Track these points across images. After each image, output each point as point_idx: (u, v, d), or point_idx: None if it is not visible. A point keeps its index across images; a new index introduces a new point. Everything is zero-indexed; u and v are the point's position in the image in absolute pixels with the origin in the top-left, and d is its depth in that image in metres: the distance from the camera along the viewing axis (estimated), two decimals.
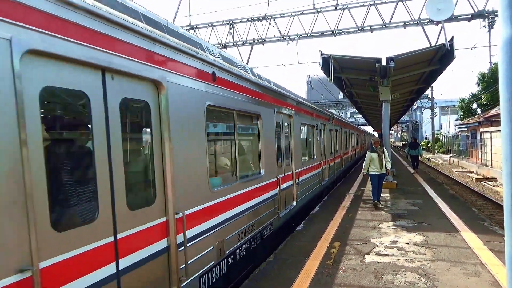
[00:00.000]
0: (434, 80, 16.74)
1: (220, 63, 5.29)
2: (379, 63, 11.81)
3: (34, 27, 2.50)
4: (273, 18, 21.43)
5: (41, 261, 2.50)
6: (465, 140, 35.47)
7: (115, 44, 3.24)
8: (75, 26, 2.84)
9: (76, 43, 2.83)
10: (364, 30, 19.96)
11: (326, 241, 7.27)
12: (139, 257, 3.46)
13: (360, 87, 17.11)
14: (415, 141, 22.04)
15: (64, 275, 2.70)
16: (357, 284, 5.19)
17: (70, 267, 2.75)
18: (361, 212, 9.93)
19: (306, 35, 21.25)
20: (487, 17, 19.58)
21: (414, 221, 8.72)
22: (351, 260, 6.15)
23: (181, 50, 4.25)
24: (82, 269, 2.85)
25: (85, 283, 2.86)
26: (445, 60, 12.95)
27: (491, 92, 32.82)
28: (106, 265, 3.08)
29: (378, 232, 7.87)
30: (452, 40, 11.69)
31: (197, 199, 4.50)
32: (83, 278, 2.85)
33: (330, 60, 12.32)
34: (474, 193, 18.08)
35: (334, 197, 12.78)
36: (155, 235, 3.72)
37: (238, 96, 5.88)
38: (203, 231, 4.62)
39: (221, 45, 22.05)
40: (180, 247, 4.02)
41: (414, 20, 18.86)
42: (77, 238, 2.83)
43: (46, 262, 2.56)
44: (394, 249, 6.68)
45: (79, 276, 2.82)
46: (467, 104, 39.89)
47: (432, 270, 5.59)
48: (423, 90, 21.58)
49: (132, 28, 3.45)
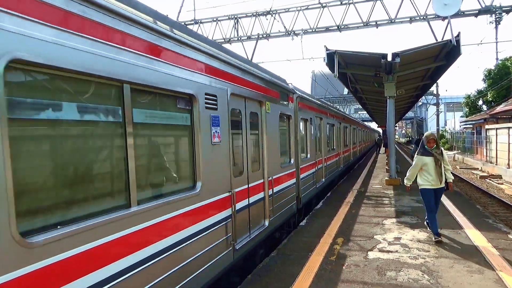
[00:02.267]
0: (440, 76, 16.57)
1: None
2: (385, 58, 11.70)
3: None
4: (278, 13, 21.31)
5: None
6: (470, 137, 35.27)
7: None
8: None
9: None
10: (369, 25, 19.79)
11: (330, 237, 7.27)
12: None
13: (365, 83, 17.01)
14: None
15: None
16: (360, 280, 5.19)
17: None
18: (365, 208, 9.92)
19: (311, 30, 21.12)
20: (494, 12, 19.37)
21: (418, 217, 8.70)
22: (354, 256, 6.15)
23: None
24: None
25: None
26: (451, 56, 12.82)
27: (497, 88, 32.56)
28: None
29: (381, 228, 7.86)
30: (459, 36, 11.56)
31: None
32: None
33: (335, 56, 12.23)
34: (479, 190, 18.00)
35: (338, 193, 12.77)
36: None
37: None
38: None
39: (225, 40, 21.99)
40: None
41: (420, 16, 18.67)
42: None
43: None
44: (397, 245, 6.67)
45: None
46: (472, 100, 39.59)
47: (435, 267, 5.58)
48: (429, 87, 21.41)
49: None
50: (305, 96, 10.57)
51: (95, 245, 2.76)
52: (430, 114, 61.61)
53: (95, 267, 2.76)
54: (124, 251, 3.08)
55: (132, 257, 3.16)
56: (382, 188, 13.58)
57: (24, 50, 2.31)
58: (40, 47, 2.42)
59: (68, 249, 2.53)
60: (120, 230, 3.03)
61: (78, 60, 2.70)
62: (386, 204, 10.43)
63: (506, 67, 33.45)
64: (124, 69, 3.15)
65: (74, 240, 2.58)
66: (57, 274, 2.46)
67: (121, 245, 3.04)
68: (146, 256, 3.34)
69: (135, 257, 3.20)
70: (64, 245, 2.51)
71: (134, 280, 3.17)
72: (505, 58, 34.46)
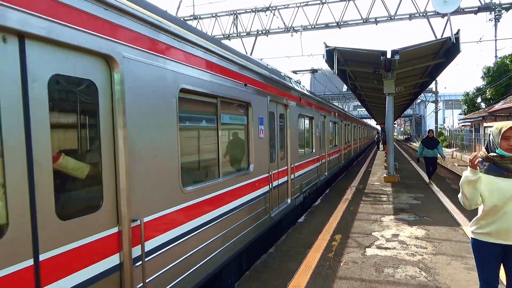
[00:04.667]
0: (439, 73, 16.56)
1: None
2: (384, 56, 11.68)
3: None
4: (277, 9, 21.25)
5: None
6: (468, 134, 35.34)
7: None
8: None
9: None
10: (369, 22, 19.76)
11: (328, 234, 7.29)
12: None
13: (364, 80, 16.99)
14: (433, 136, 13.80)
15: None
16: (358, 277, 5.22)
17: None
18: (363, 206, 9.94)
19: (311, 27, 21.07)
20: (493, 10, 19.35)
21: (416, 215, 8.73)
22: (352, 253, 6.17)
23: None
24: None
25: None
26: (451, 53, 12.81)
27: (496, 86, 32.59)
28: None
29: (379, 225, 7.89)
30: (458, 33, 11.54)
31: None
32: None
33: (334, 53, 12.21)
34: None
35: (336, 190, 12.79)
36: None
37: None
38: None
39: (224, 36, 21.93)
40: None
41: (420, 12, 18.65)
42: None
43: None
44: (395, 242, 6.70)
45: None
46: (471, 98, 39.64)
47: (433, 264, 5.61)
48: (428, 84, 21.38)
49: None
50: (319, 99, 12.39)
51: (213, 195, 4.73)
52: (428, 112, 61.65)
53: (214, 207, 4.73)
54: (222, 202, 5.03)
55: (226, 206, 5.11)
56: (381, 185, 13.61)
57: (185, 83, 4.04)
58: (193, 81, 4.20)
59: (203, 195, 4.48)
60: (215, 191, 4.83)
61: (207, 86, 4.53)
62: (384, 201, 10.46)
63: (505, 64, 33.44)
64: (218, 88, 4.88)
65: (204, 191, 4.52)
66: (199, 207, 4.39)
67: (218, 200, 4.91)
68: (228, 209, 5.19)
69: (227, 206, 5.17)
70: (201, 193, 4.43)
71: (232, 218, 5.25)
72: (504, 56, 34.43)
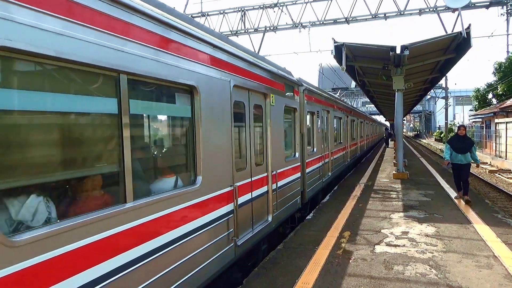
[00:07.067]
0: (449, 69, 16.35)
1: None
2: (393, 51, 11.55)
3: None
4: (285, 5, 21.15)
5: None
6: (479, 131, 34.85)
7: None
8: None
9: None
10: (378, 17, 19.58)
11: (336, 231, 7.25)
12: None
13: (373, 76, 16.85)
14: (465, 134, 9.86)
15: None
16: (367, 274, 5.17)
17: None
18: (372, 202, 9.87)
19: (319, 23, 20.95)
20: (505, 4, 19.07)
21: (426, 212, 8.64)
22: (361, 250, 6.13)
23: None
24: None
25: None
26: (461, 48, 12.63)
27: (507, 82, 32.09)
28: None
29: (389, 222, 7.82)
30: (469, 28, 11.37)
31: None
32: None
33: (343, 48, 12.12)
34: (488, 184, 17.84)
35: (345, 187, 12.73)
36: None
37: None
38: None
39: (232, 32, 21.90)
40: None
41: (430, 8, 18.43)
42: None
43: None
44: (405, 240, 6.63)
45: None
46: (482, 94, 39.10)
47: (443, 261, 5.54)
48: (438, 80, 21.14)
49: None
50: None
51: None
52: (438, 108, 61.05)
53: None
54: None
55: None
56: (390, 182, 13.51)
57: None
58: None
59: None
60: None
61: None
62: (393, 198, 10.38)
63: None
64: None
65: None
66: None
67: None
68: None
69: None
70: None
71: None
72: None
